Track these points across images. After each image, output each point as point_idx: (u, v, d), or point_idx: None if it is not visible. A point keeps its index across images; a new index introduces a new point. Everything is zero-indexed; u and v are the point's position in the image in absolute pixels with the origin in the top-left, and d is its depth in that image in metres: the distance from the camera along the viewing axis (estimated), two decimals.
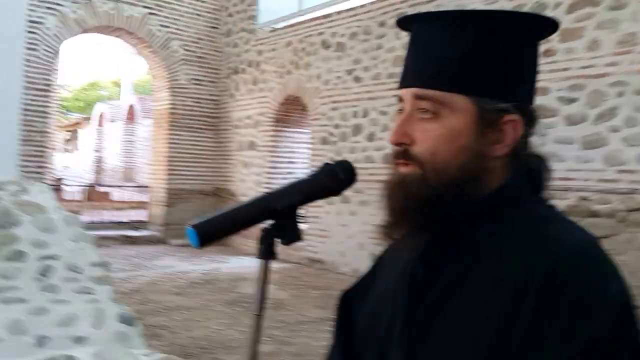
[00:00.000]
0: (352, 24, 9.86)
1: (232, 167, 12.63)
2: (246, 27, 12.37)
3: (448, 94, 0.98)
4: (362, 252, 9.17)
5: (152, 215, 12.96)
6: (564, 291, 0.86)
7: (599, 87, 6.53)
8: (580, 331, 0.84)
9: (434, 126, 0.99)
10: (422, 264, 1.02)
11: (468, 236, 1.00)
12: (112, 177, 25.96)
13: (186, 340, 5.67)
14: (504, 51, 0.99)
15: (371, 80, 9.45)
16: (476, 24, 1.00)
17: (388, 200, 1.05)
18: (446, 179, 0.98)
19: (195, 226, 1.03)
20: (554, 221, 0.98)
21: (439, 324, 0.96)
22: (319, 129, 10.41)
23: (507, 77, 0.99)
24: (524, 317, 0.87)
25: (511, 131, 0.99)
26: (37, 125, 10.68)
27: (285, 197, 1.06)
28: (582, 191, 6.53)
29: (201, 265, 9.89)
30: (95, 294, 4.49)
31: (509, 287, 0.90)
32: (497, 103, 0.98)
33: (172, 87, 12.53)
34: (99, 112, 28.46)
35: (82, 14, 11.25)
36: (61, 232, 5.20)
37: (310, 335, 6.02)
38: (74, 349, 3.89)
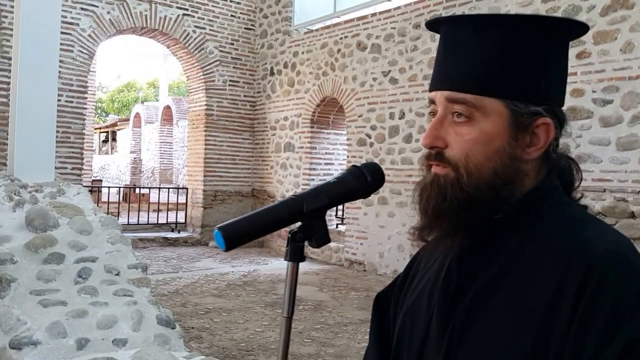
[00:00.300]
0: (387, 26, 9.83)
1: (269, 168, 12.64)
2: (281, 29, 12.37)
3: (481, 97, 0.99)
4: (401, 254, 9.13)
5: (190, 217, 13.01)
6: (600, 294, 0.87)
7: (634, 89, 6.55)
8: (619, 333, 0.84)
9: (468, 130, 1.00)
10: (458, 266, 1.04)
11: (503, 239, 1.01)
12: (149, 179, 26.22)
13: (226, 342, 5.66)
14: (535, 55, 1.00)
15: (407, 81, 9.40)
16: (508, 27, 1.00)
17: (421, 201, 1.06)
18: (480, 182, 0.99)
19: (221, 229, 1.03)
20: (587, 223, 0.99)
21: (476, 327, 0.98)
22: (355, 130, 10.36)
23: (538, 80, 1.00)
24: (562, 320, 0.88)
25: (544, 134, 1.00)
26: (74, 127, 10.77)
27: (313, 200, 1.06)
28: (619, 192, 6.56)
29: (240, 267, 9.91)
30: (134, 296, 4.47)
31: (546, 290, 0.91)
32: (530, 106, 0.99)
33: (208, 89, 12.56)
34: (135, 113, 28.75)
35: (117, 15, 11.32)
36: (99, 234, 5.22)
37: (351, 337, 6.01)
38: (114, 352, 3.87)
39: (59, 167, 8.91)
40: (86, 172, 12.89)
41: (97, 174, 26.20)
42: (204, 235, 12.46)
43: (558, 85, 1.04)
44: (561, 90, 1.05)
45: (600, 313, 0.86)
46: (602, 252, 0.90)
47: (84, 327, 3.99)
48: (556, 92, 1.03)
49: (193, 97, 13.03)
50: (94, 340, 3.92)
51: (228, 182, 12.84)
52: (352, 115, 10.44)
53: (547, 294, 0.91)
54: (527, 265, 0.96)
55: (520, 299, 0.94)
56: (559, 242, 0.95)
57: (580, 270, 0.89)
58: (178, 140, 24.78)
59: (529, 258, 0.96)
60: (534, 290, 0.93)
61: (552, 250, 0.95)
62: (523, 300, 0.93)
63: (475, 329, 0.98)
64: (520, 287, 0.95)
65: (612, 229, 0.98)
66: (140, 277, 4.79)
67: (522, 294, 0.94)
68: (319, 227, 1.06)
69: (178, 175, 24.31)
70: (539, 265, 0.95)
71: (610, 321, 0.85)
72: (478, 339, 0.97)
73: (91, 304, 4.24)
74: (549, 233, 0.97)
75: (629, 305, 0.86)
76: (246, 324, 6.30)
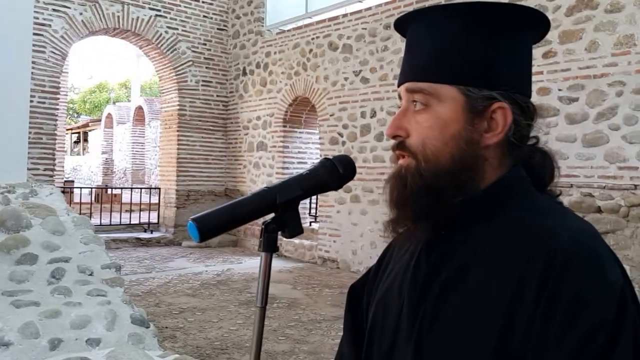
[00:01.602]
0: (358, 26, 9.92)
1: (242, 167, 12.69)
2: (254, 29, 12.41)
3: (436, 85, 1.02)
4: (374, 251, 9.23)
5: (163, 217, 12.99)
6: (564, 280, 0.88)
7: (599, 87, 6.68)
8: (583, 318, 0.86)
9: (425, 117, 1.03)
10: (427, 255, 1.06)
11: (469, 228, 1.02)
12: (121, 179, 26.05)
13: (200, 341, 5.68)
14: (487, 41, 1.02)
15: (378, 81, 9.50)
16: (458, 17, 1.03)
17: (388, 192, 1.08)
18: (438, 168, 1.01)
19: (195, 220, 1.04)
20: (552, 212, 1.01)
21: (444, 314, 0.99)
22: (327, 129, 10.44)
23: (491, 65, 1.02)
24: (527, 306, 0.90)
25: (501, 119, 1.01)
26: (46, 127, 10.72)
27: (286, 191, 1.07)
28: (585, 187, 6.68)
29: (214, 266, 9.91)
30: (107, 296, 4.49)
31: (511, 276, 0.93)
32: (484, 91, 1.01)
33: (181, 89, 12.56)
34: (107, 114, 28.54)
35: (89, 16, 11.27)
36: (72, 234, 5.21)
37: (325, 334, 6.07)
38: (88, 352, 3.88)
39: (31, 168, 8.87)
40: (58, 173, 12.80)
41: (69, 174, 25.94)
42: (177, 235, 12.45)
43: (516, 73, 1.04)
44: (521, 78, 1.06)
45: (564, 298, 0.88)
46: (566, 238, 0.92)
47: (57, 327, 3.99)
48: (514, 79, 1.04)
49: (166, 97, 13.01)
50: (67, 340, 3.93)
51: (201, 182, 12.85)
52: (324, 115, 10.51)
53: (512, 280, 0.93)
54: (493, 253, 0.98)
55: (486, 286, 0.95)
56: (524, 230, 0.97)
57: (545, 257, 0.91)
58: (150, 141, 24.65)
59: (495, 246, 0.98)
60: (500, 277, 0.95)
61: (517, 238, 0.97)
62: (490, 286, 0.95)
63: (444, 317, 0.99)
64: (487, 274, 0.96)
65: (576, 217, 1.01)
66: (113, 276, 4.80)
67: (489, 281, 0.96)
68: (291, 218, 1.08)
69: (150, 176, 24.17)
70: (504, 253, 0.96)
71: (574, 306, 0.87)
72: (446, 326, 0.98)
73: (65, 304, 4.24)
74: (514, 221, 0.99)
75: (592, 290, 0.88)
76: (220, 322, 6.32)
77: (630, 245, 6.24)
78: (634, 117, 6.37)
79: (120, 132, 26.94)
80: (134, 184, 22.49)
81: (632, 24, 6.43)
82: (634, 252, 6.19)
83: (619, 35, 6.54)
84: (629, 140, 6.40)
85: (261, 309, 1.09)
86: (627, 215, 6.34)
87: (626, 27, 6.48)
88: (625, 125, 6.43)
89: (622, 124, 6.46)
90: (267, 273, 1.08)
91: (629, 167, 6.39)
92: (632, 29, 6.43)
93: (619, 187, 6.42)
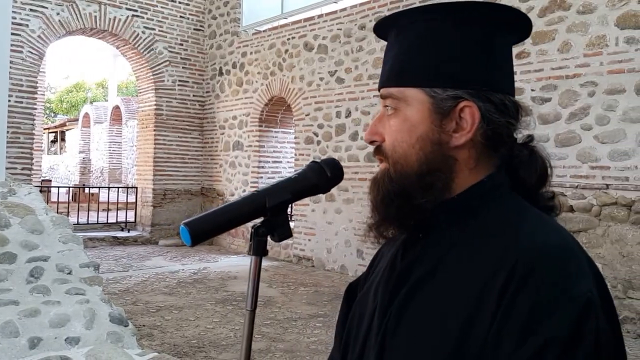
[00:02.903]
0: (334, 27, 10.01)
1: (218, 167, 12.75)
2: (230, 30, 12.48)
3: (403, 89, 1.02)
4: (348, 249, 9.33)
5: (140, 216, 13.03)
6: (522, 292, 0.85)
7: (571, 87, 6.75)
8: (536, 332, 0.83)
9: (395, 121, 1.03)
10: (402, 257, 1.06)
11: (441, 233, 1.01)
12: (98, 179, 25.93)
13: (178, 339, 5.70)
14: (451, 41, 1.01)
15: (353, 81, 9.60)
16: (420, 20, 1.04)
17: (369, 196, 1.09)
18: (405, 171, 1.01)
19: (187, 224, 1.04)
20: (525, 218, 0.97)
21: (408, 318, 0.98)
22: (303, 128, 10.53)
23: (456, 65, 1.00)
24: (487, 315, 0.88)
25: (469, 118, 0.99)
26: (23, 127, 10.72)
27: (275, 195, 1.07)
28: (558, 187, 6.63)
29: (191, 265, 9.95)
30: (86, 294, 4.54)
31: (475, 284, 0.91)
32: (448, 90, 0.99)
33: (157, 89, 12.60)
34: (84, 113, 28.37)
35: (66, 16, 11.28)
36: (50, 233, 5.25)
37: (301, 332, 6.10)
38: (67, 350, 3.95)
39: (8, 167, 8.86)
40: (35, 172, 12.79)
41: (46, 174, 25.74)
42: (154, 234, 12.50)
43: (488, 71, 1.02)
44: (497, 76, 1.03)
45: (519, 311, 0.84)
46: (529, 249, 0.89)
47: (36, 326, 4.03)
48: (488, 77, 1.01)
49: (142, 97, 13.05)
50: (46, 339, 3.98)
51: (177, 181, 12.91)
52: (300, 114, 10.60)
53: (476, 287, 0.91)
54: (460, 259, 0.96)
55: (450, 292, 0.94)
56: (493, 238, 0.95)
57: (507, 267, 0.88)
58: (127, 140, 24.56)
59: (463, 251, 0.97)
60: (464, 283, 0.92)
61: (485, 246, 0.95)
62: (453, 292, 0.93)
63: (407, 321, 0.98)
64: (452, 280, 0.95)
65: (553, 225, 0.97)
66: (92, 275, 4.86)
67: (453, 287, 0.94)
68: (281, 222, 1.07)
69: (127, 175, 24.10)
70: (471, 259, 0.95)
71: (527, 320, 0.84)
72: (409, 330, 0.97)
73: (43, 303, 4.29)
74: (485, 228, 0.97)
75: (547, 304, 0.83)
76: (197, 321, 6.35)
77: (602, 243, 6.31)
78: (605, 117, 6.43)
79: (98, 131, 26.81)
80: (111, 183, 22.41)
81: (604, 25, 6.49)
82: (606, 250, 6.26)
83: (591, 36, 6.60)
84: (600, 140, 6.46)
85: (251, 312, 1.09)
86: (599, 214, 6.40)
87: (598, 28, 6.54)
88: (597, 125, 6.49)
89: (594, 124, 6.52)
90: (257, 276, 1.08)
91: (600, 166, 6.46)
92: (604, 30, 6.49)
93: (591, 187, 6.49)
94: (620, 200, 6.26)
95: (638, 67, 6.20)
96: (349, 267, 9.31)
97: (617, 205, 6.29)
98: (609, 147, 6.39)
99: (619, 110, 6.32)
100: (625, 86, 6.28)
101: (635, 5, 6.26)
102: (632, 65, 6.24)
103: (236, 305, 7.11)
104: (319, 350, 5.44)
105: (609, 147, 6.40)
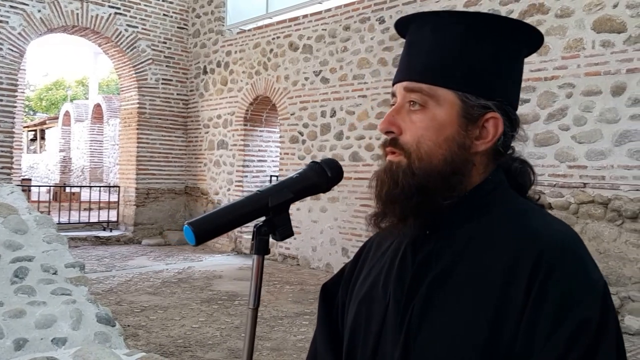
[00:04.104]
0: (319, 27, 10.03)
1: (202, 166, 12.71)
2: (214, 28, 12.44)
3: (435, 87, 1.04)
4: (333, 247, 9.35)
5: (123, 216, 12.93)
6: (550, 281, 0.92)
7: (549, 89, 6.89)
8: (570, 315, 0.90)
9: (421, 117, 1.04)
10: (413, 254, 1.08)
11: (455, 228, 1.05)
12: (78, 177, 25.71)
13: (163, 339, 5.68)
14: (489, 52, 1.05)
15: (338, 81, 9.63)
16: (465, 24, 1.06)
17: (376, 188, 1.10)
18: (431, 168, 1.03)
19: (191, 224, 1.05)
20: (534, 214, 1.04)
21: (434, 313, 1.01)
22: (288, 127, 10.54)
23: (490, 76, 1.05)
24: (516, 304, 0.93)
25: (492, 128, 1.05)
26: (4, 125, 10.63)
27: (278, 195, 1.09)
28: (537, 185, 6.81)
29: (175, 265, 9.91)
30: (72, 295, 4.48)
31: (498, 275, 0.96)
32: (481, 100, 1.04)
33: (140, 87, 12.52)
34: (65, 111, 28.11)
35: (48, 14, 11.17)
36: (34, 233, 5.18)
37: (287, 330, 6.12)
38: (54, 351, 3.90)
39: None
40: (15, 171, 12.64)
41: (25, 172, 25.48)
42: (137, 234, 12.42)
43: (509, 86, 1.08)
44: (513, 91, 1.09)
45: (551, 298, 0.91)
46: (550, 240, 0.96)
47: (21, 327, 3.97)
48: (508, 92, 1.07)
49: (125, 95, 12.95)
50: (32, 340, 3.93)
51: (161, 180, 12.83)
52: (285, 114, 10.60)
53: (499, 278, 0.96)
54: (479, 252, 1.01)
55: (474, 284, 0.98)
56: (508, 231, 1.00)
57: (531, 257, 0.94)
58: (109, 139, 24.35)
59: (481, 245, 1.01)
60: (487, 275, 0.97)
61: (502, 238, 1.00)
62: (477, 285, 0.97)
63: (433, 316, 1.00)
64: (474, 273, 0.99)
65: (557, 220, 1.05)
66: (78, 275, 4.81)
67: (476, 279, 0.98)
68: (283, 221, 1.09)
69: (109, 174, 23.90)
70: (490, 252, 0.99)
71: (560, 305, 0.91)
72: (436, 325, 0.99)
73: (29, 304, 4.23)
74: (498, 222, 1.03)
75: (578, 290, 0.92)
76: (182, 320, 6.33)
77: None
78: (583, 118, 6.57)
79: (78, 130, 26.57)
80: (92, 182, 22.26)
81: (581, 29, 6.63)
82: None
83: (568, 39, 6.75)
84: (578, 140, 6.61)
85: (253, 310, 1.10)
86: (577, 212, 6.53)
87: (575, 32, 6.68)
88: (575, 126, 6.64)
89: (571, 124, 6.67)
90: (259, 275, 1.10)
91: (578, 166, 6.59)
92: (581, 33, 6.64)
93: (569, 185, 6.62)
94: (597, 199, 6.42)
95: (614, 70, 6.34)
96: (334, 265, 9.33)
97: (594, 203, 6.45)
98: (586, 147, 6.55)
99: (596, 111, 6.49)
100: (602, 88, 6.45)
101: (611, 10, 6.40)
102: (607, 68, 6.39)
103: (221, 304, 7.10)
104: (305, 348, 5.44)
105: (586, 147, 6.55)
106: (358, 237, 8.96)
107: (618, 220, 6.25)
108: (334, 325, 1.27)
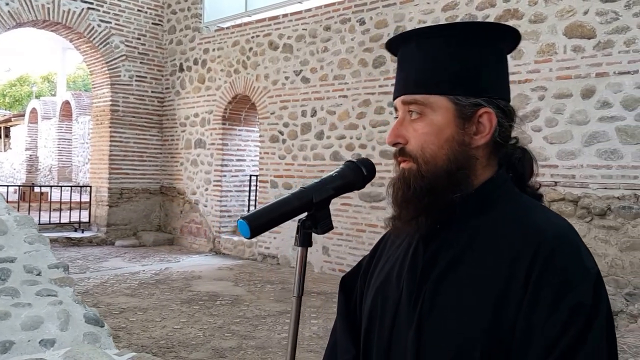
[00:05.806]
0: (299, 27, 10.01)
1: (179, 165, 12.54)
2: (191, 25, 12.28)
3: (428, 96, 1.16)
4: (314, 246, 9.29)
5: (95, 216, 12.65)
6: (549, 268, 1.03)
7: (522, 92, 7.15)
8: (567, 298, 1.01)
9: (422, 125, 1.16)
10: (424, 246, 1.19)
11: (463, 223, 1.16)
12: (46, 177, 25.21)
13: (145, 340, 5.62)
14: (468, 55, 1.16)
15: (318, 81, 9.63)
16: (443, 36, 1.17)
17: (393, 193, 1.21)
18: (437, 168, 1.15)
19: (246, 218, 1.15)
20: (536, 210, 1.16)
21: (443, 298, 1.12)
22: (268, 127, 10.47)
23: (475, 76, 1.16)
24: (517, 289, 1.04)
25: (487, 122, 1.16)
26: None
27: (320, 191, 1.20)
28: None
29: (151, 266, 9.78)
30: (58, 295, 4.39)
31: (502, 264, 1.07)
32: (470, 98, 1.15)
33: (113, 84, 12.27)
34: (31, 108, 27.53)
35: (17, 7, 10.87)
36: (15, 233, 5.06)
37: (271, 329, 6.13)
38: (43, 353, 3.80)
39: None
40: None
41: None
42: (110, 235, 12.18)
43: (495, 81, 1.19)
44: (501, 85, 1.21)
45: (549, 284, 1.02)
46: (549, 232, 1.07)
47: (7, 329, 3.88)
48: (495, 86, 1.19)
49: (97, 92, 12.67)
50: (19, 342, 3.83)
51: (135, 180, 12.60)
52: (265, 113, 10.53)
53: (503, 267, 1.07)
54: (485, 244, 1.11)
55: (480, 272, 1.09)
56: (512, 226, 1.11)
57: (532, 248, 1.05)
58: (78, 137, 23.88)
59: (487, 238, 1.12)
60: (492, 265, 1.08)
61: (507, 232, 1.11)
62: (483, 273, 1.08)
63: (443, 300, 1.11)
64: (480, 262, 1.10)
65: (556, 215, 1.16)
66: (62, 276, 4.70)
67: (482, 268, 1.09)
68: (324, 216, 1.19)
69: (78, 173, 23.48)
70: (495, 244, 1.10)
71: (557, 291, 1.01)
72: (445, 308, 1.11)
73: (13, 306, 4.12)
74: (503, 217, 1.14)
75: (574, 277, 1.02)
76: (163, 321, 6.26)
77: None
78: (554, 120, 6.89)
79: (46, 127, 26.00)
80: (61, 182, 21.85)
81: (553, 34, 6.93)
82: None
83: (541, 44, 7.03)
84: (549, 140, 6.92)
85: (297, 299, 1.20)
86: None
87: (548, 37, 6.99)
88: (547, 127, 6.95)
89: (543, 125, 6.98)
90: (303, 266, 1.18)
91: (549, 165, 6.87)
92: (553, 38, 6.94)
93: (541, 184, 6.74)
94: (568, 197, 6.76)
95: (584, 74, 6.67)
96: (315, 264, 9.34)
97: (564, 201, 6.77)
98: (557, 147, 6.88)
99: (567, 113, 6.83)
100: (572, 91, 6.82)
101: (582, 16, 6.71)
102: (578, 72, 6.73)
103: (202, 304, 7.02)
104: None
105: (557, 147, 6.88)
106: (339, 236, 8.95)
107: (587, 217, 6.57)
108: (352, 315, 1.40)
